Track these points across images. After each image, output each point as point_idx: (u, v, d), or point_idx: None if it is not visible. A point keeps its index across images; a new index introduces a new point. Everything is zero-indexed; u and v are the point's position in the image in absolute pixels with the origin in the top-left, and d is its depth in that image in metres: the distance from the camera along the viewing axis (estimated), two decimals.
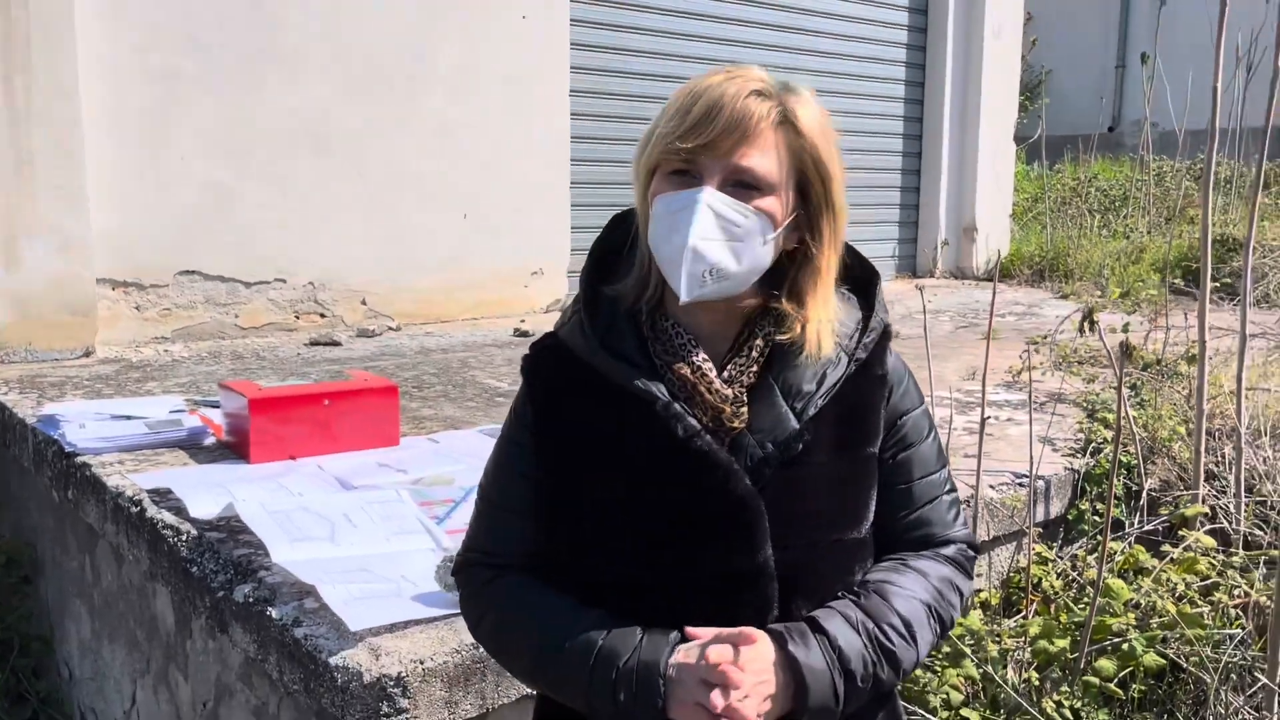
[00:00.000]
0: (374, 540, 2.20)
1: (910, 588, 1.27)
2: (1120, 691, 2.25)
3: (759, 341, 1.26)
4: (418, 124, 5.47)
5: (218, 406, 3.30)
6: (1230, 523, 2.85)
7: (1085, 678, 2.25)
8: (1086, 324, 2.84)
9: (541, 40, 5.85)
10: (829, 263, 1.26)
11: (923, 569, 1.30)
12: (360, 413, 3.01)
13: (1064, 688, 2.27)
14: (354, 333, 5.26)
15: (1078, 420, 3.43)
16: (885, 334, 1.31)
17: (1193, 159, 9.87)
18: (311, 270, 5.23)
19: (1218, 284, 5.60)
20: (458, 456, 2.92)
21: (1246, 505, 2.85)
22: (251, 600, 2.00)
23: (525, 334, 5.33)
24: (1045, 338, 4.24)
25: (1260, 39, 5.47)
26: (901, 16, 7.84)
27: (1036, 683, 2.37)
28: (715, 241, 1.18)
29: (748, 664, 1.14)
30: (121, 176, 4.63)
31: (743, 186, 1.19)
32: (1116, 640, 2.30)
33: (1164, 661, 2.29)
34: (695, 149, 1.18)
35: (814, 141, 1.22)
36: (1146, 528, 2.85)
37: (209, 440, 3.10)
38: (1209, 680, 2.31)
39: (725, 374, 1.25)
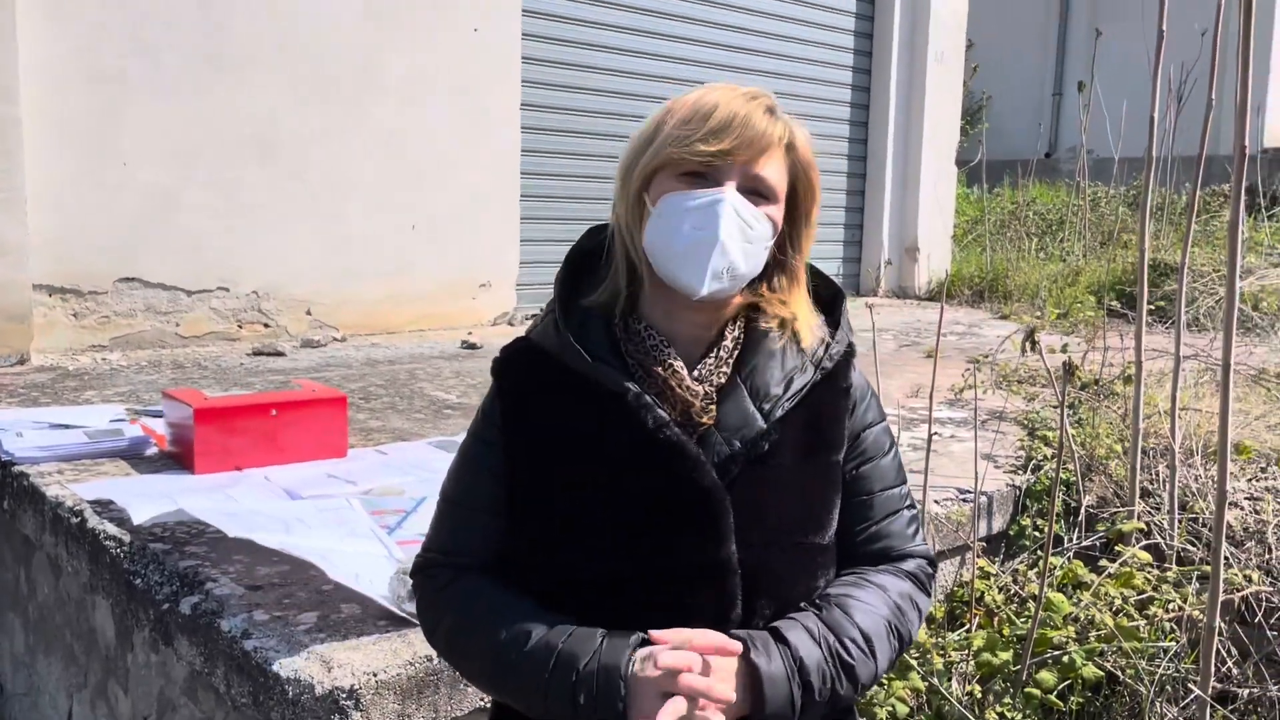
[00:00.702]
0: (327, 540, 2.18)
1: (871, 602, 1.29)
2: (1060, 703, 2.31)
3: (728, 342, 1.30)
4: (366, 133, 5.44)
5: (160, 416, 3.24)
6: (1164, 539, 2.93)
7: (1027, 689, 2.30)
8: (1028, 344, 2.91)
9: (493, 53, 5.85)
10: (803, 271, 1.35)
11: (883, 584, 1.32)
12: (308, 423, 2.97)
13: (1006, 699, 2.32)
14: (298, 343, 5.19)
15: (1018, 438, 3.50)
16: (850, 350, 1.36)
17: (1127, 185, 10.17)
18: (256, 279, 5.16)
19: (1152, 307, 5.77)
20: (407, 468, 2.90)
21: (1180, 522, 2.94)
22: (199, 612, 1.97)
23: (473, 346, 5.31)
24: (987, 357, 4.33)
25: (1193, 70, 5.66)
26: (847, 40, 7.98)
27: (979, 695, 2.41)
28: (736, 241, 1.23)
29: (712, 671, 1.16)
30: (61, 180, 4.53)
31: (757, 194, 1.25)
32: (1057, 653, 2.36)
33: (1102, 674, 2.35)
34: (718, 153, 1.23)
35: (807, 162, 1.31)
36: (1085, 543, 2.93)
37: (151, 450, 3.04)
38: (1144, 691, 2.37)
39: (696, 373, 1.29)
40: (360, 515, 2.37)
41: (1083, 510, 3.05)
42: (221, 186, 4.98)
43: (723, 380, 1.29)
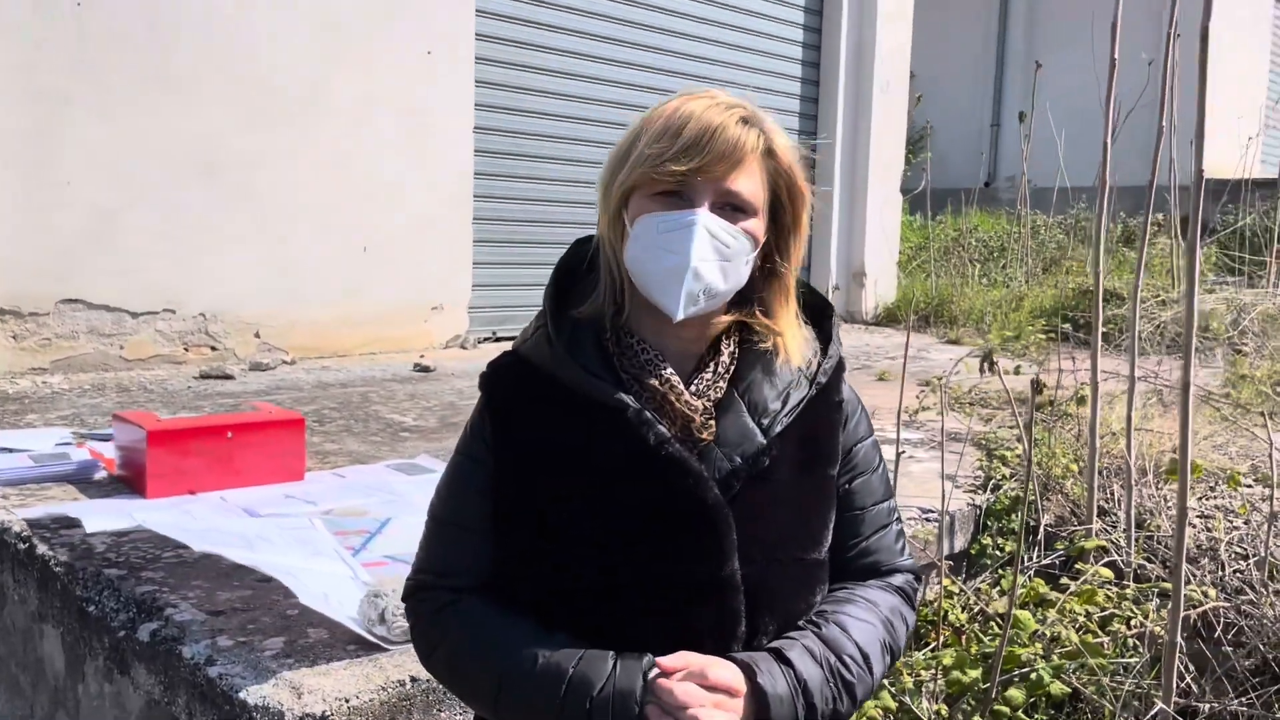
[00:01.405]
0: (291, 557, 2.13)
1: (865, 619, 1.28)
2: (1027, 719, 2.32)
3: (724, 358, 1.28)
4: (316, 153, 5.37)
5: (108, 440, 3.15)
6: (1121, 556, 2.98)
7: (996, 707, 2.31)
8: (987, 365, 2.95)
9: (445, 76, 5.83)
10: (793, 281, 1.31)
11: (875, 600, 1.31)
12: (265, 446, 2.91)
13: (976, 717, 2.32)
14: (246, 366, 5.09)
15: (976, 458, 3.54)
16: (841, 364, 1.35)
17: (1064, 213, 10.42)
18: (202, 301, 5.05)
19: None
20: (368, 490, 2.84)
21: (1136, 540, 2.98)
22: (159, 638, 1.90)
23: (426, 369, 5.25)
24: (941, 379, 4.38)
25: (1140, 99, 5.81)
26: (795, 69, 8.09)
27: (946, 714, 2.42)
28: (710, 262, 1.21)
29: (720, 703, 1.14)
30: (1, 200, 4.40)
31: (732, 209, 1.23)
32: (1024, 670, 2.38)
33: (1069, 690, 2.37)
34: (689, 171, 1.20)
35: (790, 168, 1.27)
36: (1045, 561, 2.96)
37: (100, 474, 2.94)
38: (1108, 707, 2.39)
39: (692, 388, 1.27)
40: (323, 535, 2.32)
41: (1041, 529, 3.09)
42: (168, 207, 4.88)
43: (719, 395, 1.27)
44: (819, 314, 1.36)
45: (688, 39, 7.22)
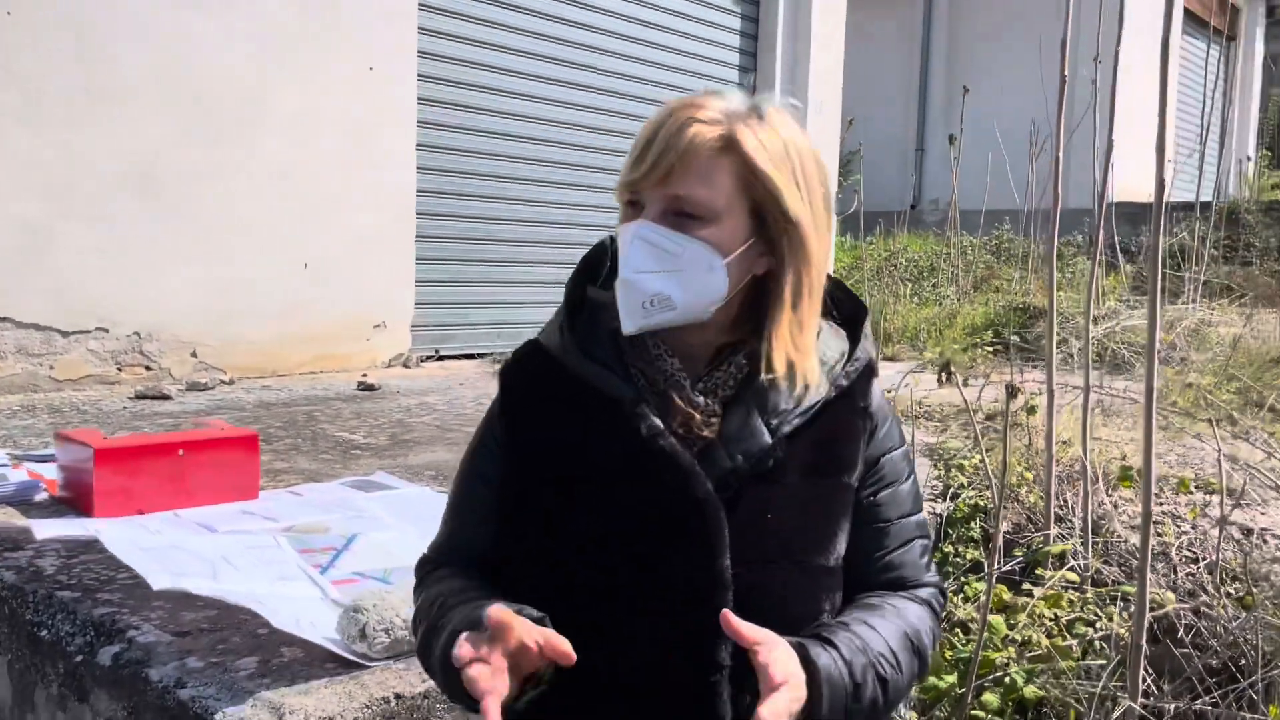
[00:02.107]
0: (257, 581, 2.05)
1: (893, 622, 1.25)
2: None
3: (741, 358, 1.25)
4: (255, 168, 5.26)
5: (46, 461, 3.02)
6: (1078, 561, 3.03)
7: (972, 712, 2.32)
8: (945, 375, 2.99)
9: (388, 92, 5.76)
10: (799, 288, 1.22)
11: (900, 608, 1.28)
12: (218, 464, 2.80)
13: None
14: (183, 386, 4.93)
15: (931, 468, 3.58)
16: (869, 368, 1.30)
17: (988, 234, 10.69)
18: (137, 319, 4.89)
19: (1028, 346, 6.03)
20: (327, 507, 2.77)
21: (1094, 545, 3.04)
22: (123, 662, 1.80)
23: (371, 387, 5.15)
24: (890, 391, 4.43)
25: (1050, 126, 5.99)
26: (732, 89, 8.17)
27: None
28: (651, 273, 1.17)
29: (776, 666, 1.07)
30: None
31: (682, 215, 1.18)
32: (998, 674, 2.40)
33: (1043, 693, 2.39)
34: (636, 181, 1.19)
35: (761, 166, 1.18)
36: (1006, 568, 2.99)
37: (41, 496, 2.81)
38: (1078, 707, 2.42)
39: (700, 385, 1.25)
40: (289, 554, 2.24)
41: (1000, 536, 3.12)
42: (101, 223, 4.72)
43: (729, 393, 1.25)
44: (850, 316, 1.33)
45: (627, 59, 7.26)
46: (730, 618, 1.09)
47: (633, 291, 1.18)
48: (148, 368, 4.94)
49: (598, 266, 1.33)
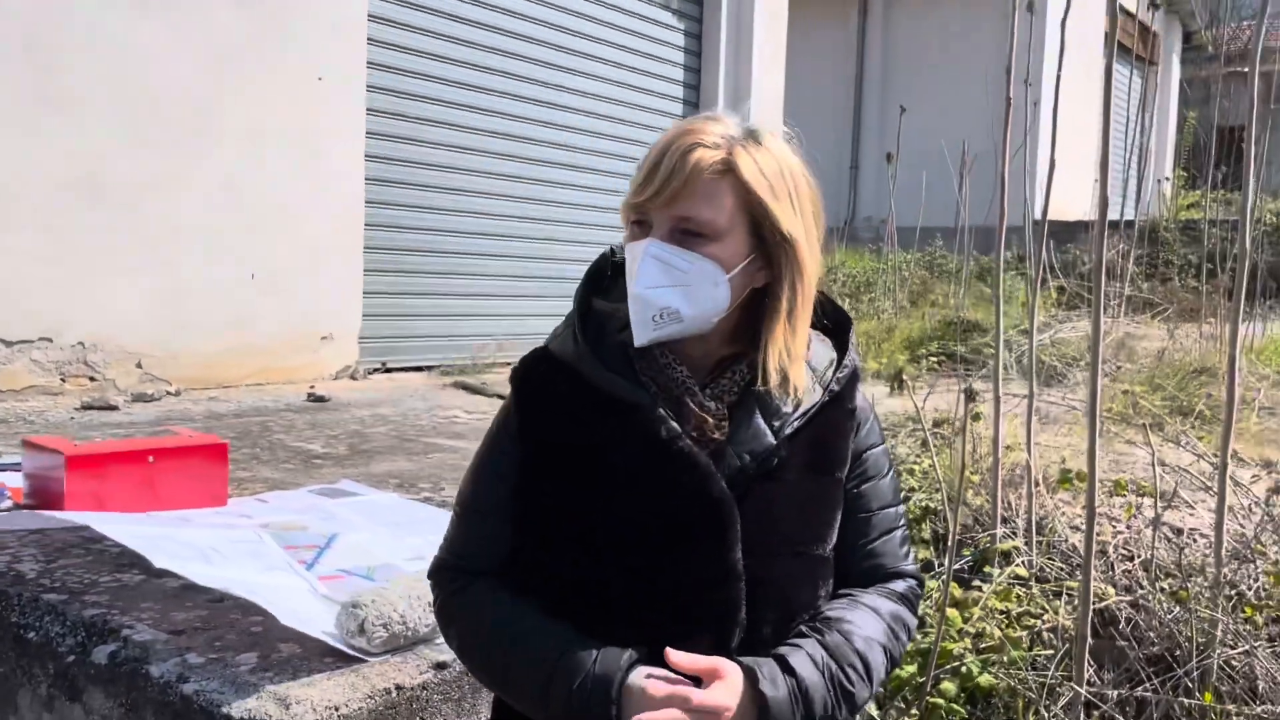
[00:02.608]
0: (249, 571, 2.08)
1: (868, 625, 1.34)
2: (963, 710, 2.46)
3: (743, 366, 1.34)
4: (203, 178, 5.23)
5: (6, 470, 2.99)
6: (1022, 559, 3.17)
7: (930, 699, 2.44)
8: (896, 384, 3.13)
9: (337, 103, 5.76)
10: (794, 300, 1.30)
11: (878, 607, 1.37)
12: (187, 470, 2.81)
13: (913, 710, 2.44)
14: (129, 397, 4.87)
15: None
16: (855, 373, 1.41)
17: (922, 250, 10.99)
18: (82, 329, 4.82)
19: (970, 357, 6.24)
20: (301, 510, 2.79)
21: (1038, 543, 3.19)
22: (120, 660, 1.83)
23: (321, 399, 5.14)
24: None
25: (976, 146, 6.22)
26: (676, 107, 8.30)
27: (878, 714, 2.53)
28: (662, 288, 1.26)
29: (717, 698, 1.19)
30: None
31: (689, 234, 1.26)
32: (955, 665, 2.52)
33: (995, 681, 2.52)
34: (644, 202, 1.27)
35: (756, 187, 1.27)
36: (956, 566, 3.12)
37: (5, 504, 2.79)
38: (1028, 694, 2.55)
39: (708, 391, 1.33)
40: (273, 548, 2.27)
41: (951, 536, 3.26)
42: (45, 230, 4.66)
43: (734, 399, 1.33)
44: (838, 327, 1.42)
45: (575, 74, 7.35)
46: (671, 654, 1.21)
47: (645, 306, 1.25)
48: (92, 378, 4.87)
49: (600, 277, 1.40)
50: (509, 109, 6.88)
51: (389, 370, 6.35)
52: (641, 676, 1.21)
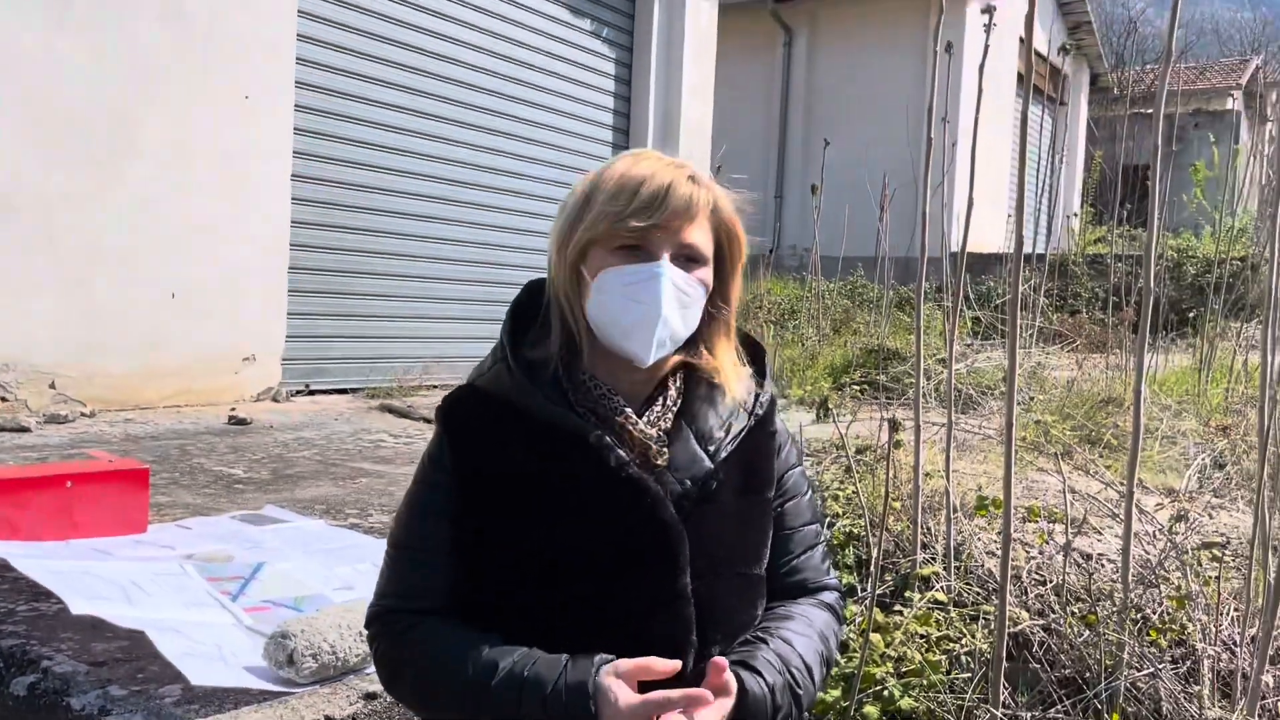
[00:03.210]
0: (172, 608, 2.04)
1: (806, 634, 1.39)
2: None
3: (672, 392, 1.39)
4: (122, 195, 5.12)
5: None
6: (941, 584, 3.26)
7: None
8: (822, 412, 3.20)
9: (264, 122, 5.70)
10: (733, 321, 1.44)
11: (811, 617, 1.43)
12: (106, 497, 2.76)
13: None
14: (41, 419, 4.73)
15: None
16: (774, 399, 1.48)
17: (844, 279, 11.22)
18: None
19: (890, 384, 6.38)
20: (225, 537, 2.75)
21: (957, 568, 3.28)
22: (39, 691, 1.78)
23: (243, 421, 5.05)
24: None
25: (895, 179, 6.40)
26: (606, 134, 8.39)
27: None
28: (675, 311, 1.32)
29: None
30: None
31: (689, 260, 1.33)
32: (876, 689, 2.58)
33: (917, 704, 2.58)
34: (648, 227, 1.30)
35: (731, 219, 1.39)
36: (879, 591, 3.20)
37: None
38: (947, 717, 2.63)
39: (645, 419, 1.37)
40: (197, 580, 2.24)
41: (874, 561, 3.33)
42: None
43: (668, 426, 1.37)
44: (755, 354, 1.49)
45: (505, 99, 7.37)
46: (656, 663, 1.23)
47: (665, 327, 1.30)
48: (3, 399, 4.72)
49: (523, 313, 1.41)
50: (438, 132, 6.88)
51: (312, 392, 6.26)
52: (614, 674, 1.22)
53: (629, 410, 1.35)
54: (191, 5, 5.30)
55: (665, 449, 1.35)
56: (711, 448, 1.37)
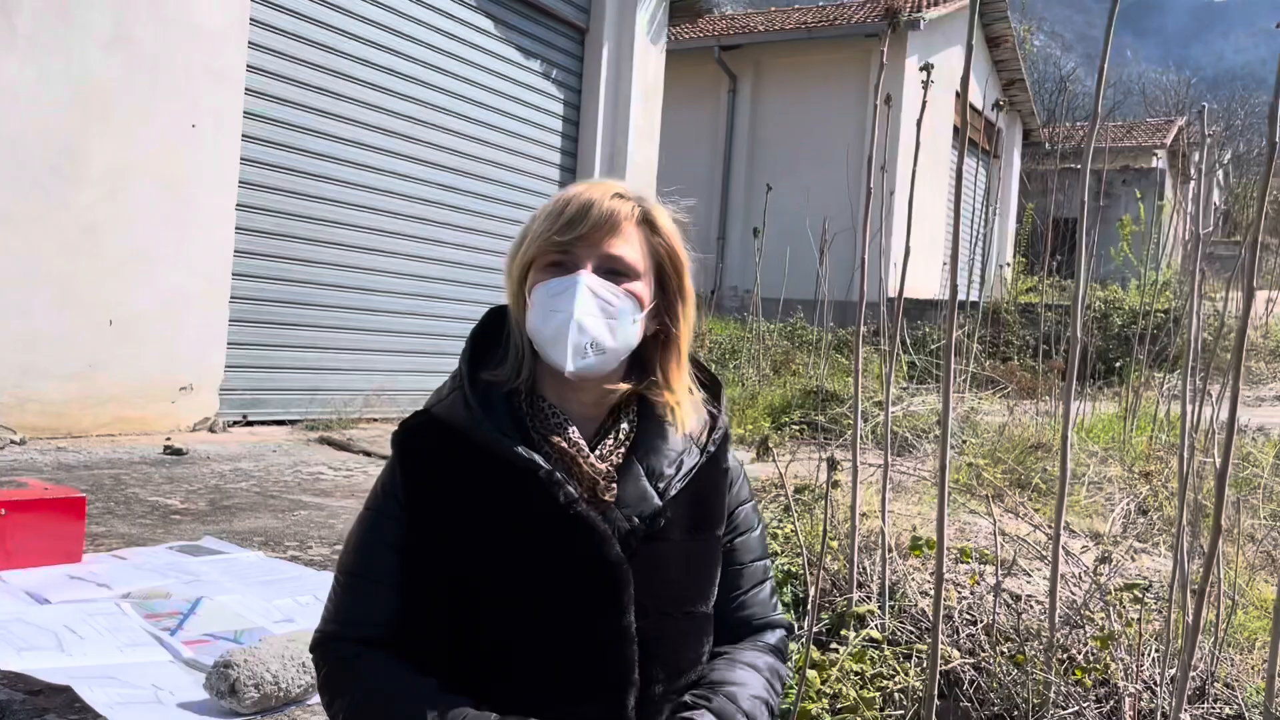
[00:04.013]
0: (107, 651, 2.02)
1: (750, 684, 1.40)
2: None
3: (624, 426, 1.41)
4: (62, 220, 5.06)
5: None
6: (875, 622, 3.33)
7: None
8: (762, 450, 3.26)
9: (210, 151, 5.68)
10: (685, 344, 1.42)
11: (754, 663, 1.44)
12: (41, 525, 2.71)
13: None
14: None
15: None
16: (727, 434, 1.50)
17: (785, 321, 11.40)
18: None
19: (829, 426, 6.48)
20: (161, 571, 2.72)
21: (891, 607, 3.35)
22: None
23: (179, 451, 4.98)
24: None
25: (835, 225, 6.55)
26: (554, 172, 8.47)
27: None
28: (594, 318, 1.33)
29: None
30: None
31: (613, 272, 1.34)
32: None
33: None
34: (571, 241, 1.34)
35: (669, 238, 1.41)
36: (815, 629, 3.26)
37: None
38: None
39: (596, 453, 1.38)
40: (134, 619, 2.21)
41: (812, 599, 3.39)
42: None
43: (619, 461, 1.39)
44: (710, 390, 1.51)
45: (453, 135, 7.42)
46: None
47: (582, 332, 1.31)
48: None
49: (484, 338, 1.43)
50: (385, 165, 6.90)
51: (250, 423, 6.19)
52: None
53: (580, 441, 1.37)
54: (140, 32, 5.28)
55: (614, 484, 1.36)
56: (661, 485, 1.38)
